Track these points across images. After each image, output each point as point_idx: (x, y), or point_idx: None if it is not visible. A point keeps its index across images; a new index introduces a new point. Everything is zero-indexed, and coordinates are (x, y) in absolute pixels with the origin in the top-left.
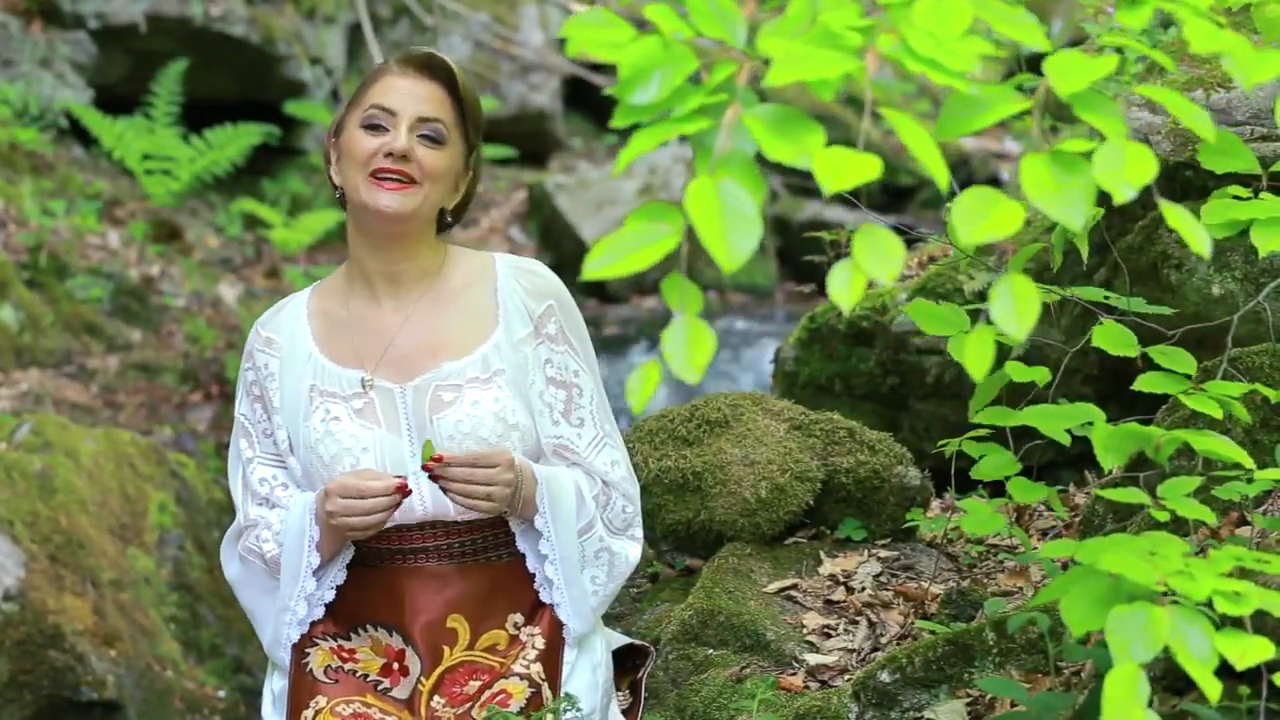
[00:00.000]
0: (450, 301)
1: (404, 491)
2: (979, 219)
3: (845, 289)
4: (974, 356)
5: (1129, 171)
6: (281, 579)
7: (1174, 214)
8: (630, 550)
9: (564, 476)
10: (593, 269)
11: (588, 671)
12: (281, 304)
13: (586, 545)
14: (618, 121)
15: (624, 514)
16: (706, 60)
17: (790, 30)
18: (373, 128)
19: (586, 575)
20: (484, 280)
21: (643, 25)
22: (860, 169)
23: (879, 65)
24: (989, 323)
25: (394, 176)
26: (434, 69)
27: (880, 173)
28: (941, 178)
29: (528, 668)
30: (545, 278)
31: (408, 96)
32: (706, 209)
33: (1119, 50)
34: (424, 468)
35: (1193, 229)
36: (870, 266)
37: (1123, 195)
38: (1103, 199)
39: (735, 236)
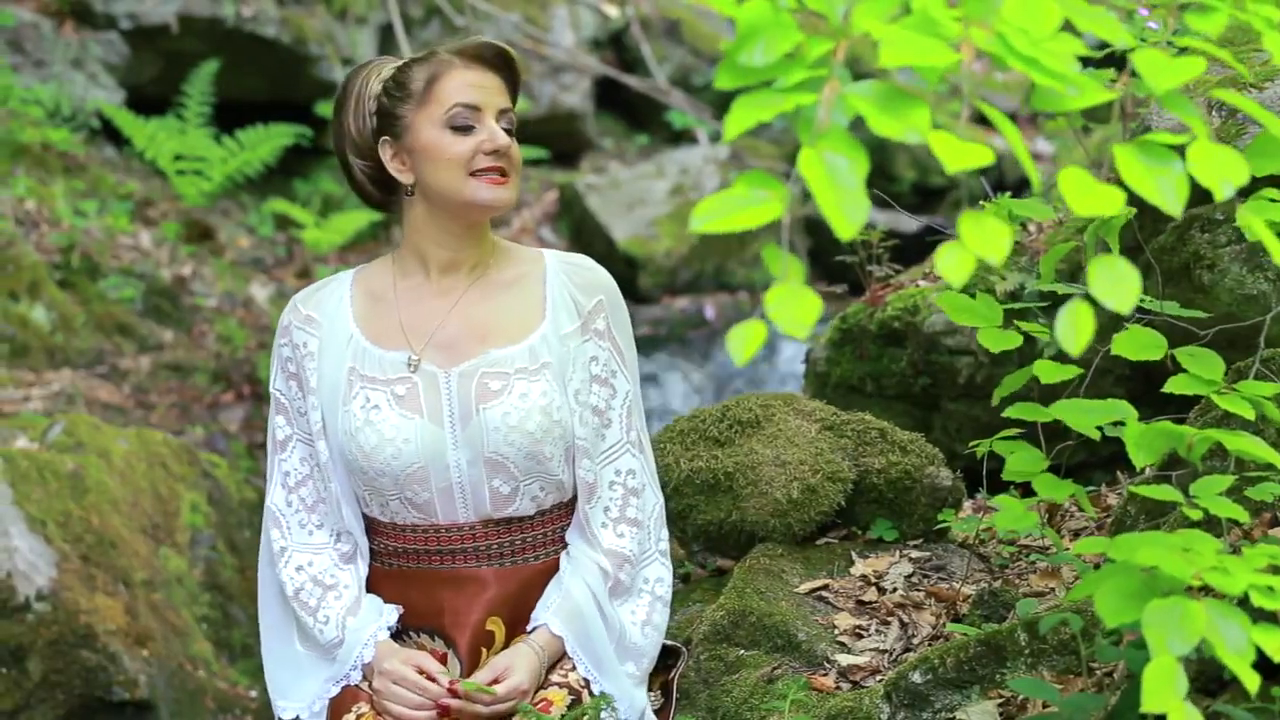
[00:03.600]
0: (500, 292)
1: (445, 711)
2: (1085, 195)
3: (955, 266)
4: (1070, 333)
5: (1226, 169)
6: (319, 670)
7: (1250, 220)
8: (664, 575)
9: (585, 611)
10: (699, 223)
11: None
12: (323, 282)
13: (624, 639)
14: (721, 80)
15: (647, 586)
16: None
17: (882, 11)
18: (460, 128)
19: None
20: (534, 273)
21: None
22: (974, 154)
23: (974, 57)
24: (1087, 298)
25: (496, 172)
26: (495, 60)
27: (992, 159)
28: (1032, 172)
29: (565, 676)
30: (596, 273)
31: (486, 91)
32: (820, 178)
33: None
34: (444, 704)
35: (1270, 237)
36: (978, 247)
37: (1223, 193)
38: (1132, 199)
39: (845, 207)
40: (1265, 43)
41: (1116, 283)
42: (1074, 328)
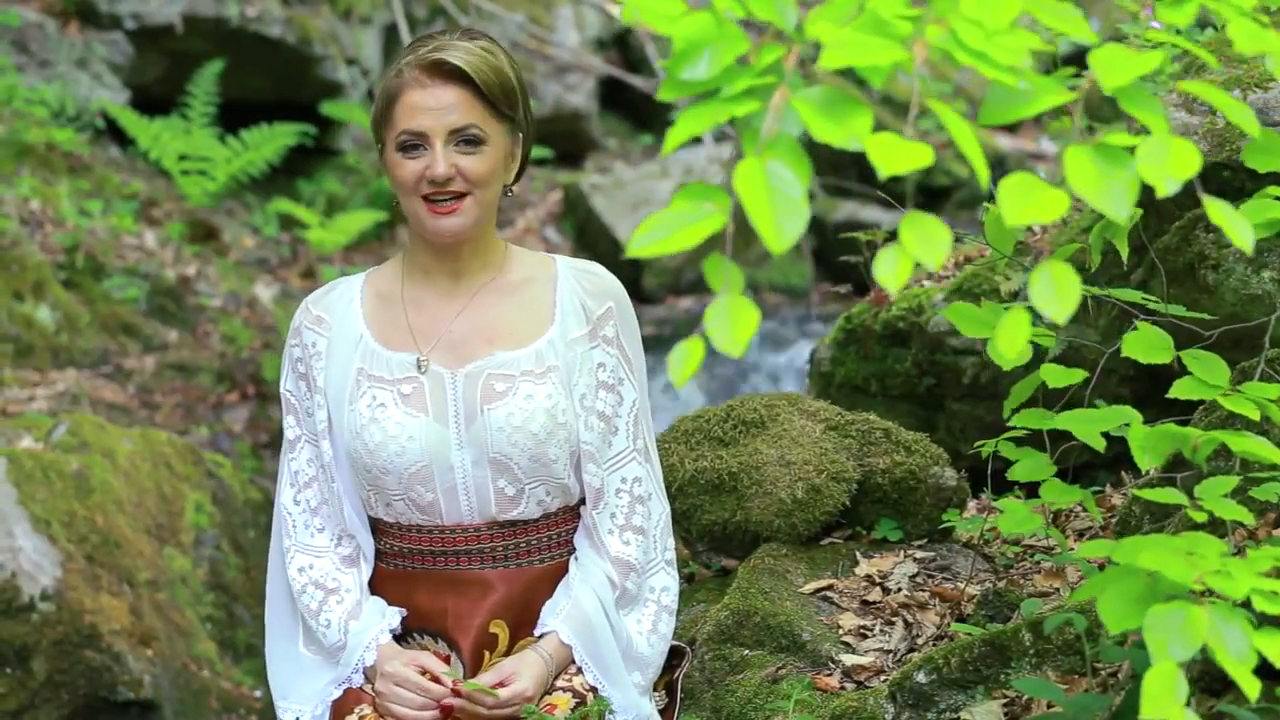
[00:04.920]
0: (508, 294)
1: (447, 711)
2: (1023, 202)
3: (892, 272)
4: (1007, 340)
5: (1172, 165)
6: (321, 673)
7: (1215, 208)
8: (670, 584)
9: (593, 620)
10: (637, 247)
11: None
12: (334, 284)
13: (631, 648)
14: (664, 94)
15: (649, 591)
16: (755, 42)
17: (838, 16)
18: (409, 148)
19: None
20: (544, 277)
21: None
22: (912, 156)
23: (926, 55)
24: (1026, 308)
25: (443, 198)
26: (450, 73)
27: (931, 161)
28: (983, 172)
29: (570, 680)
30: (606, 279)
31: (433, 113)
32: (755, 190)
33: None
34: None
35: (1235, 223)
36: (918, 251)
37: (1166, 189)
38: (1141, 199)
39: (783, 218)
40: (1230, 30)
41: (1056, 292)
42: (1010, 336)
